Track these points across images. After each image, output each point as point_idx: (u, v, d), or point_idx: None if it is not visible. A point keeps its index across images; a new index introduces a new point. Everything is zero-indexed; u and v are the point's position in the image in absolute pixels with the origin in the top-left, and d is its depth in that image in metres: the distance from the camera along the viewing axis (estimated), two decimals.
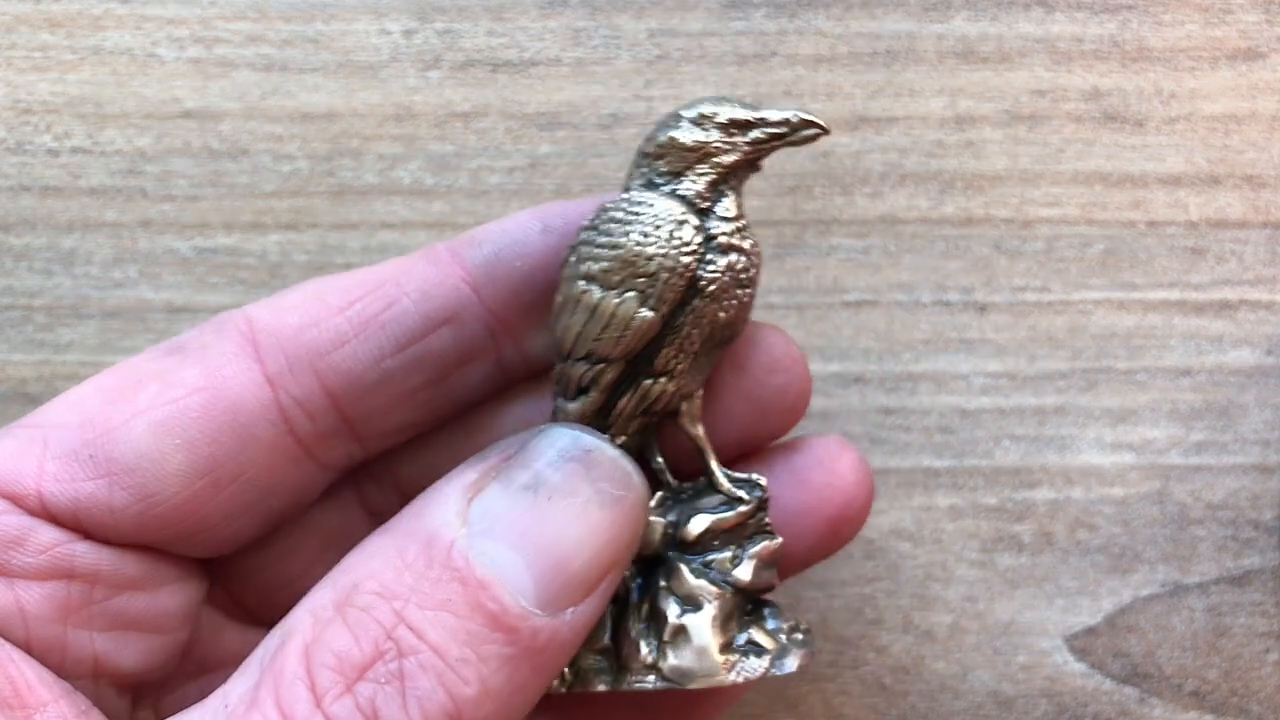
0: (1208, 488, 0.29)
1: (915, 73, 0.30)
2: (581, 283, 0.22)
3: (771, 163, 0.29)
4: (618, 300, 0.22)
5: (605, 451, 0.21)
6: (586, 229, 0.22)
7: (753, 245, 0.23)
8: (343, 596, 0.20)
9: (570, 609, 0.20)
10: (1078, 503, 0.29)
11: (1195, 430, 0.30)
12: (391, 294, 0.23)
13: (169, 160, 0.29)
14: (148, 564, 0.23)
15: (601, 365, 0.22)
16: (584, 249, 0.22)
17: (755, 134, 0.23)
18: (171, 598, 0.23)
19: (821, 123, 0.23)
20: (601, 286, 0.22)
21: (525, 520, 0.20)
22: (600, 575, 0.20)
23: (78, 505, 0.22)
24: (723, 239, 0.22)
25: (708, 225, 0.22)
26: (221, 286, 0.29)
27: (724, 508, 0.24)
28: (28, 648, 0.21)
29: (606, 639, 0.23)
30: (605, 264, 0.22)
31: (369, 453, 0.24)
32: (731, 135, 0.23)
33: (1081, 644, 0.29)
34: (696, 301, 0.22)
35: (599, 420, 0.23)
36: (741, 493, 0.24)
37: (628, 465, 0.21)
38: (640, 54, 0.30)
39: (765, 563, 0.24)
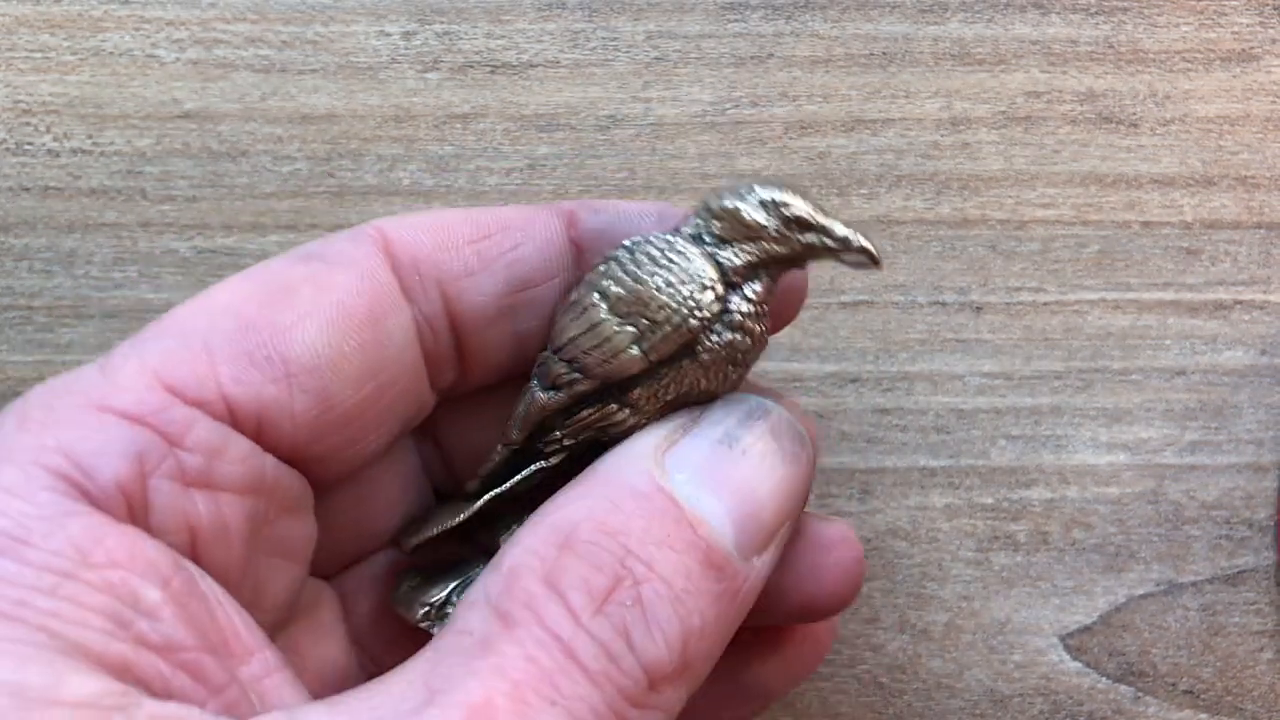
0: (1202, 487, 0.30)
1: (911, 74, 0.30)
2: (595, 295, 0.22)
3: (768, 164, 0.30)
4: (616, 329, 0.22)
5: (783, 414, 0.22)
6: (626, 248, 0.22)
7: (762, 331, 0.23)
8: (562, 537, 0.20)
9: (757, 556, 0.21)
10: (1073, 502, 0.30)
11: (1190, 430, 0.30)
12: (518, 238, 0.23)
13: (169, 161, 0.29)
14: (302, 486, 0.22)
15: (579, 375, 0.23)
16: (614, 265, 0.22)
17: (811, 238, 0.23)
18: (308, 526, 0.22)
19: (877, 257, 0.23)
20: (609, 309, 0.22)
21: (723, 470, 0.21)
22: (780, 526, 0.21)
23: (262, 410, 0.21)
24: (738, 317, 0.22)
25: (730, 299, 0.22)
26: None
27: None
28: (228, 571, 0.20)
29: None
30: (622, 290, 0.22)
31: (464, 387, 0.24)
32: (790, 230, 0.22)
33: (1077, 642, 0.29)
34: (686, 362, 0.22)
35: (559, 419, 0.23)
36: None
37: (801, 427, 0.22)
38: (638, 56, 0.30)
39: None
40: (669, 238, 0.22)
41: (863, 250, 0.23)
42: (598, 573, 0.19)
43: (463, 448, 0.25)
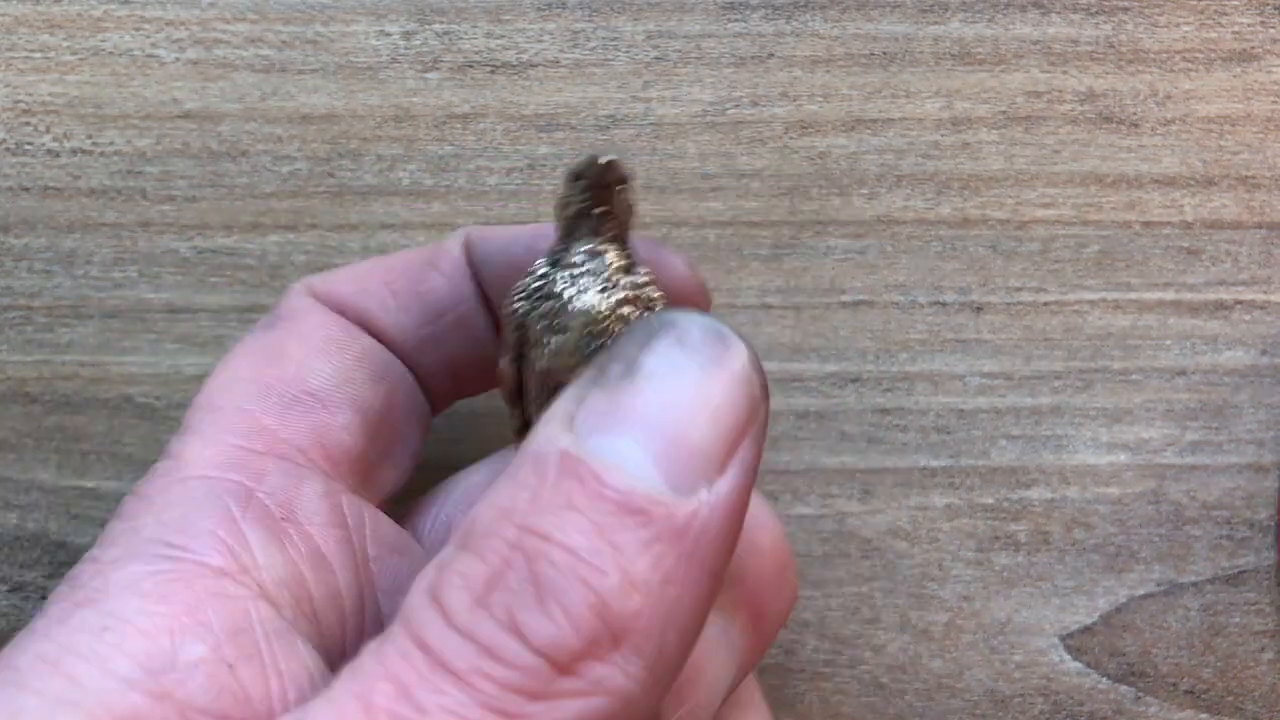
0: (1203, 487, 0.30)
1: (911, 74, 0.30)
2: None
3: (768, 164, 0.30)
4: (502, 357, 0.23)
5: (695, 320, 0.19)
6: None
7: (577, 293, 0.22)
8: (462, 536, 0.18)
9: (704, 487, 0.18)
10: (1073, 502, 0.30)
11: (1190, 430, 0.30)
12: (426, 272, 0.25)
13: (169, 161, 0.29)
14: (399, 531, 0.23)
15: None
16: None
17: (582, 182, 0.22)
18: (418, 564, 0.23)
19: (601, 160, 0.22)
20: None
21: (627, 405, 0.18)
22: (728, 447, 0.18)
23: (321, 438, 0.22)
24: (548, 286, 0.22)
25: (553, 274, 0.22)
26: (221, 287, 0.29)
27: None
28: (339, 600, 0.21)
29: None
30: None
31: (435, 411, 0.26)
32: (572, 186, 0.22)
33: (1077, 643, 0.29)
34: (532, 351, 0.22)
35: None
36: None
37: (721, 326, 0.19)
38: (638, 56, 0.30)
39: None
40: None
41: (590, 161, 0.22)
42: (480, 563, 0.18)
43: None
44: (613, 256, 0.22)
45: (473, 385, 0.26)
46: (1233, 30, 0.30)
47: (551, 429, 0.19)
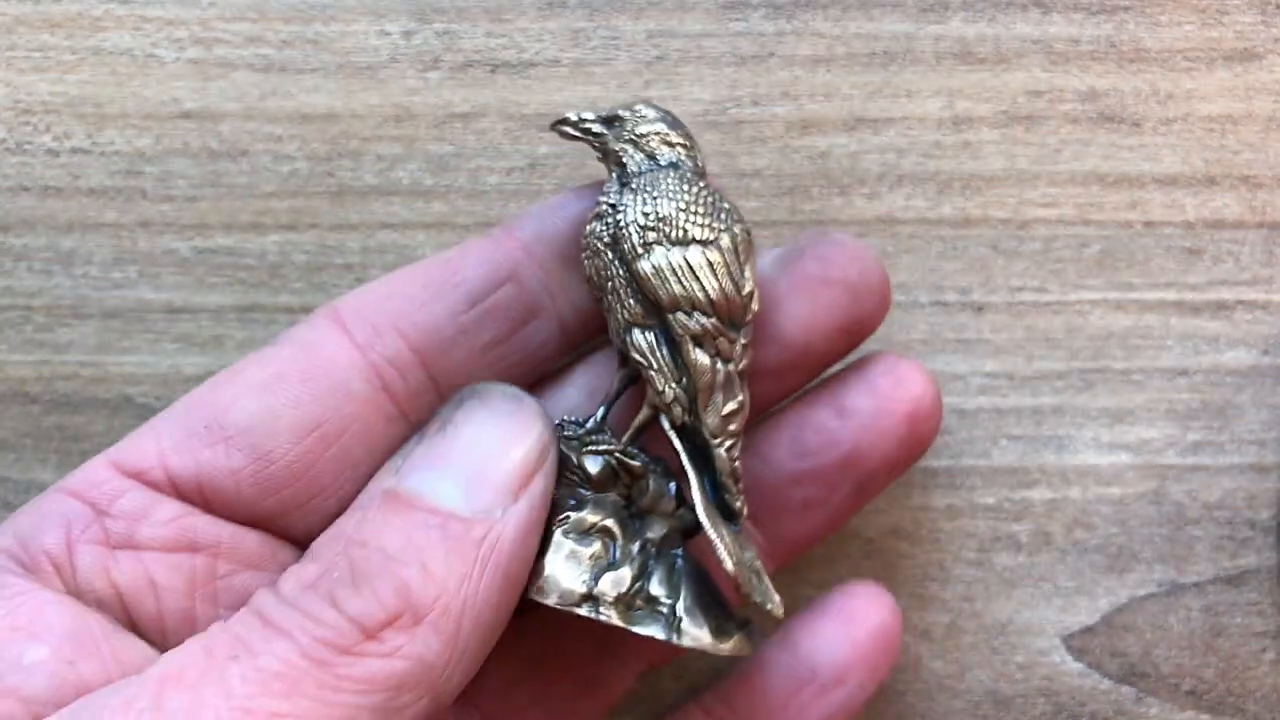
0: (1204, 488, 0.30)
1: (913, 74, 0.30)
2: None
3: (769, 163, 0.30)
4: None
5: (495, 386, 0.24)
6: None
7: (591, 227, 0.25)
8: (306, 556, 0.23)
9: (499, 510, 0.22)
10: (1075, 502, 0.30)
11: (1192, 430, 0.30)
12: (457, 265, 0.26)
13: (168, 161, 0.29)
14: (267, 544, 0.25)
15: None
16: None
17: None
18: None
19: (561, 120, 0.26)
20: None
21: (440, 449, 0.23)
22: (522, 477, 0.23)
23: (200, 471, 0.24)
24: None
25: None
26: (221, 287, 0.29)
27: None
28: (160, 622, 0.23)
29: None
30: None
31: None
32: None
33: (1079, 643, 0.29)
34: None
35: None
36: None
37: (517, 391, 0.24)
38: (639, 55, 0.30)
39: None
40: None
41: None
42: (312, 564, 0.22)
43: None
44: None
45: (509, 373, 0.26)
46: (1234, 29, 0.30)
47: (380, 476, 0.23)
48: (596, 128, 0.25)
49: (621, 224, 0.24)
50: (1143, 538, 0.29)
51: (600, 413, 0.25)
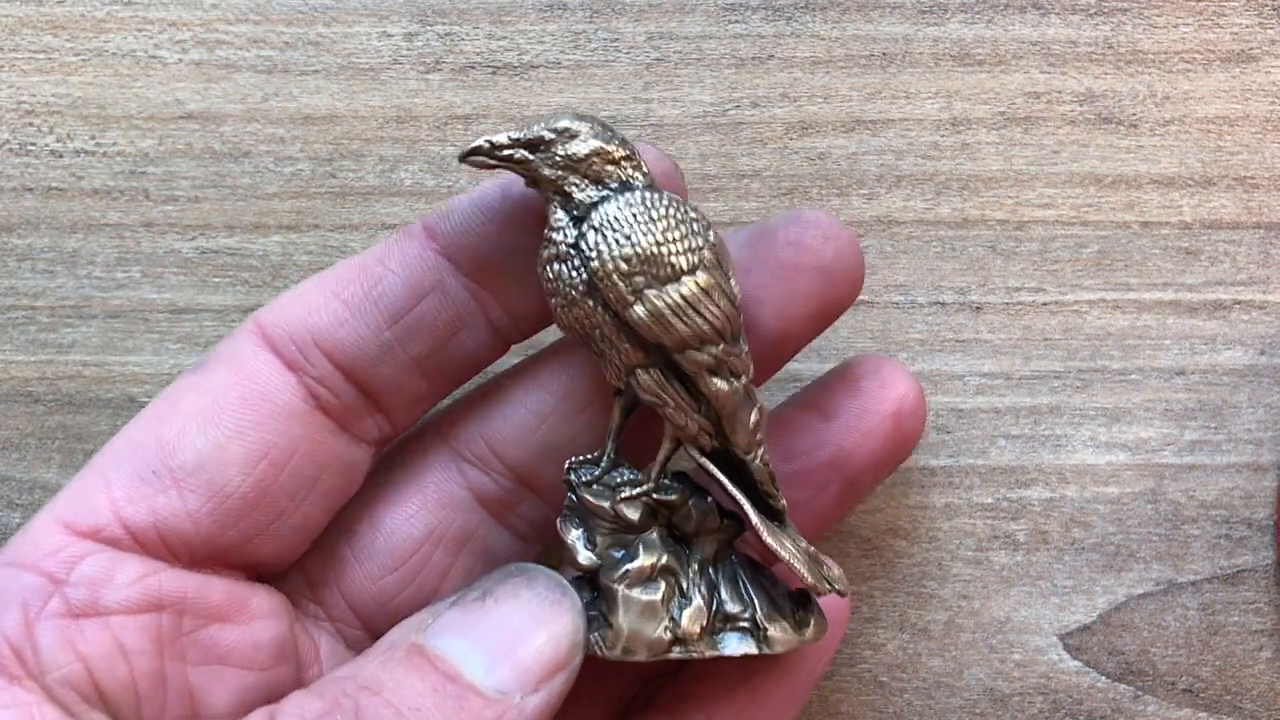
0: (1201, 487, 0.30)
1: (911, 75, 0.30)
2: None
3: (768, 165, 0.30)
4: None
5: (543, 571, 0.23)
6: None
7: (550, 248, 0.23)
8: (315, 689, 0.22)
9: (519, 695, 0.22)
10: (1072, 501, 0.30)
11: (1189, 430, 0.30)
12: (378, 273, 0.24)
13: (171, 162, 0.30)
14: (233, 591, 0.24)
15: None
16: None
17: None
18: (264, 631, 0.24)
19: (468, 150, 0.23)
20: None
21: (475, 618, 0.22)
22: (548, 669, 0.22)
23: (157, 519, 0.23)
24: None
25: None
26: (224, 287, 0.29)
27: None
28: (133, 687, 0.22)
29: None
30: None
31: (397, 426, 0.25)
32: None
33: (1076, 641, 0.29)
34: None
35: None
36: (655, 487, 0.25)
37: (563, 581, 0.23)
38: (639, 57, 0.30)
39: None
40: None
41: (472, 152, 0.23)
42: (317, 700, 0.21)
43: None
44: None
45: (446, 383, 0.25)
46: (1231, 31, 0.30)
47: (406, 628, 0.22)
48: (519, 154, 0.23)
49: (599, 272, 0.22)
50: (1140, 537, 0.30)
51: (610, 448, 0.24)
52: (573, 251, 0.23)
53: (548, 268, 0.23)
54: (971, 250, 0.30)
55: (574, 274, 0.23)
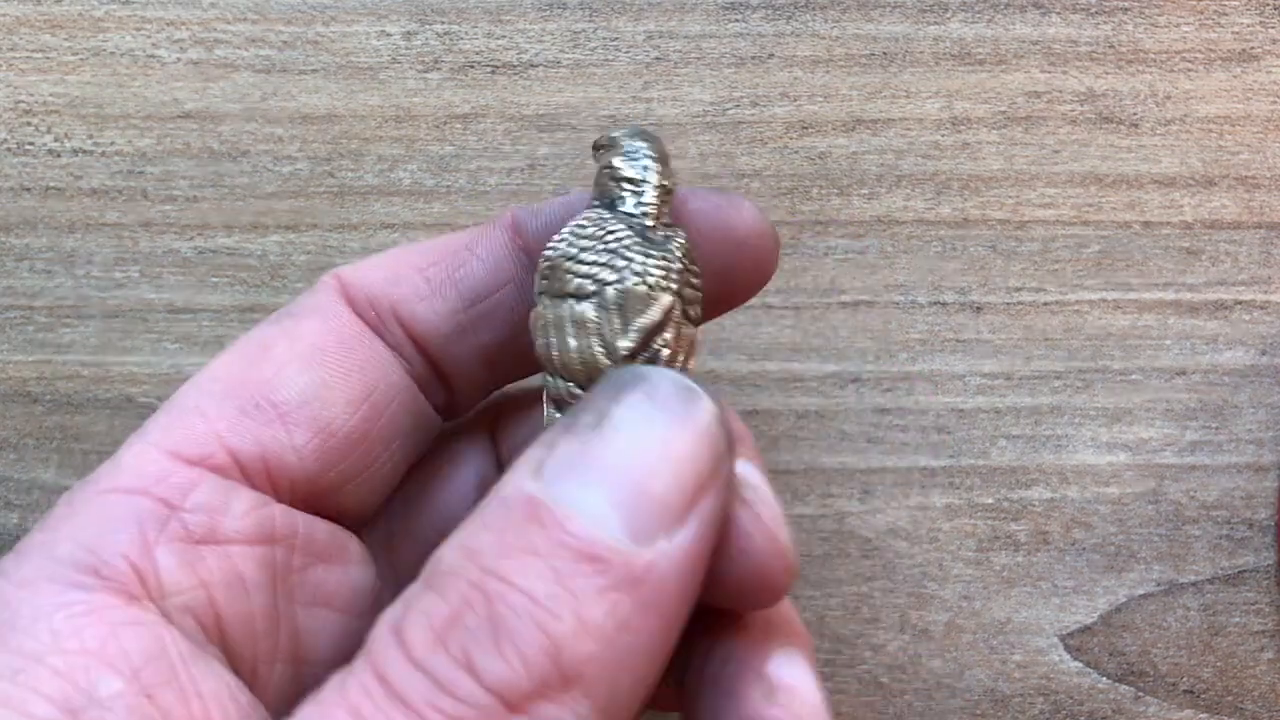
0: (1202, 487, 0.30)
1: (911, 74, 0.30)
2: (693, 328, 0.23)
3: (768, 164, 0.30)
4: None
5: (666, 375, 0.20)
6: (681, 271, 0.23)
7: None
8: (429, 573, 0.19)
9: (663, 537, 0.19)
10: (1073, 502, 0.30)
11: (1190, 430, 0.30)
12: (463, 256, 0.24)
13: (170, 161, 0.30)
14: (334, 533, 0.23)
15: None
16: (688, 291, 0.23)
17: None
18: (362, 577, 0.23)
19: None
20: (696, 325, 0.23)
21: (594, 454, 0.19)
22: (688, 499, 0.19)
23: (265, 452, 0.22)
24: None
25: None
26: (222, 287, 0.29)
27: None
28: (252, 621, 0.21)
29: None
30: (699, 306, 0.23)
31: (460, 406, 0.25)
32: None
33: (1077, 642, 0.29)
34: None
35: None
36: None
37: (690, 382, 0.20)
38: (638, 56, 0.30)
39: None
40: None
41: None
42: (443, 602, 0.18)
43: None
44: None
45: (508, 374, 0.25)
46: (1232, 30, 0.30)
47: (520, 474, 0.19)
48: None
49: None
50: (1141, 537, 0.30)
51: None
52: None
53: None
54: (972, 250, 0.30)
55: None
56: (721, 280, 0.24)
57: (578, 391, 0.22)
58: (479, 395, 0.26)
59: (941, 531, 0.30)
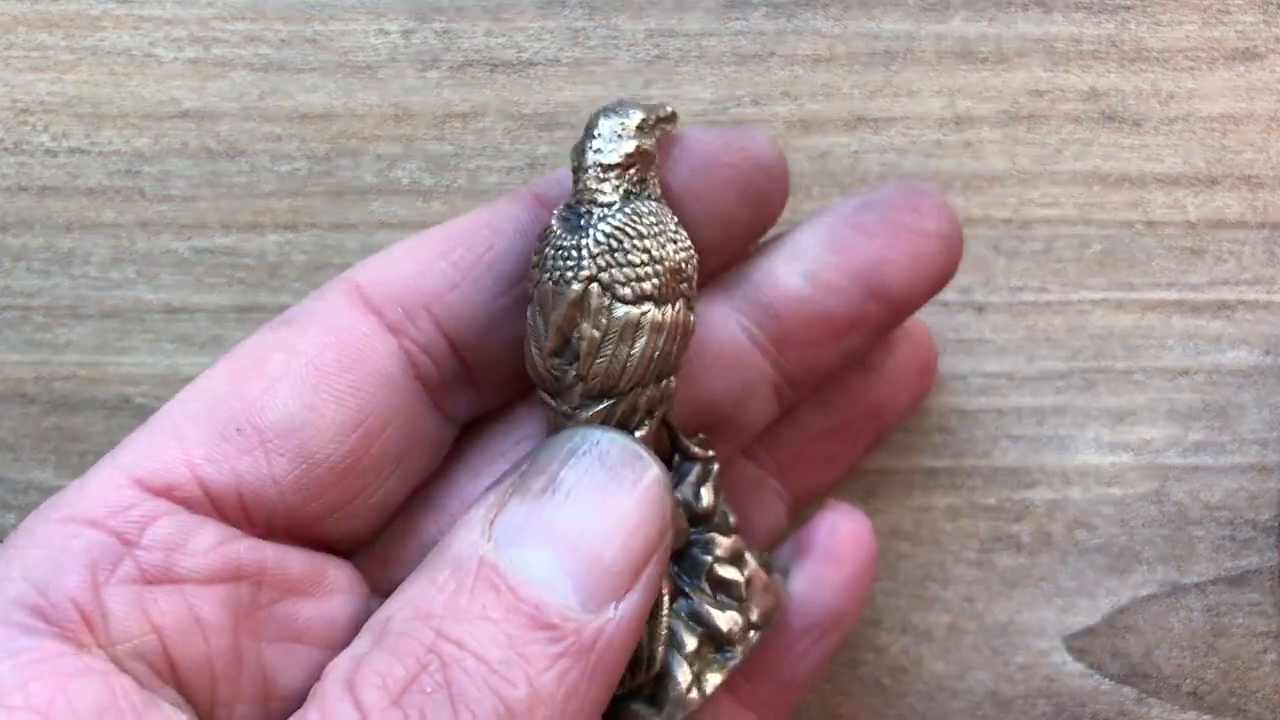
0: (1206, 488, 0.30)
1: (914, 73, 0.30)
2: (632, 307, 0.22)
3: None
4: (674, 310, 0.22)
5: (615, 440, 0.20)
6: (600, 254, 0.22)
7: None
8: (378, 630, 0.19)
9: (613, 604, 0.19)
10: (1076, 503, 0.29)
11: (1193, 430, 0.30)
12: (488, 237, 0.23)
13: (167, 160, 0.29)
14: (310, 563, 0.22)
15: (668, 380, 0.22)
16: (615, 271, 0.22)
17: (660, 129, 0.23)
18: (341, 608, 0.22)
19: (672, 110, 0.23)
20: (658, 303, 0.22)
21: (548, 521, 0.19)
22: (637, 566, 0.20)
23: (241, 483, 0.21)
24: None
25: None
26: (219, 287, 0.29)
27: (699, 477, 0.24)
28: (209, 664, 0.20)
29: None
30: (656, 280, 0.22)
31: (486, 404, 0.24)
32: (654, 134, 0.23)
33: (1080, 644, 0.29)
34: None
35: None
36: (709, 452, 0.24)
37: (640, 449, 0.20)
38: (639, 54, 0.30)
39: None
40: (630, 209, 0.22)
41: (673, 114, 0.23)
42: (398, 664, 0.19)
43: None
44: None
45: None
46: (1236, 29, 0.30)
47: (471, 535, 0.20)
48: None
49: None
50: (1144, 538, 0.29)
51: (683, 439, 0.24)
52: None
53: None
54: (975, 249, 0.30)
55: None
56: (739, 206, 0.24)
57: (549, 400, 0.22)
58: (512, 390, 0.24)
59: (944, 533, 0.29)
